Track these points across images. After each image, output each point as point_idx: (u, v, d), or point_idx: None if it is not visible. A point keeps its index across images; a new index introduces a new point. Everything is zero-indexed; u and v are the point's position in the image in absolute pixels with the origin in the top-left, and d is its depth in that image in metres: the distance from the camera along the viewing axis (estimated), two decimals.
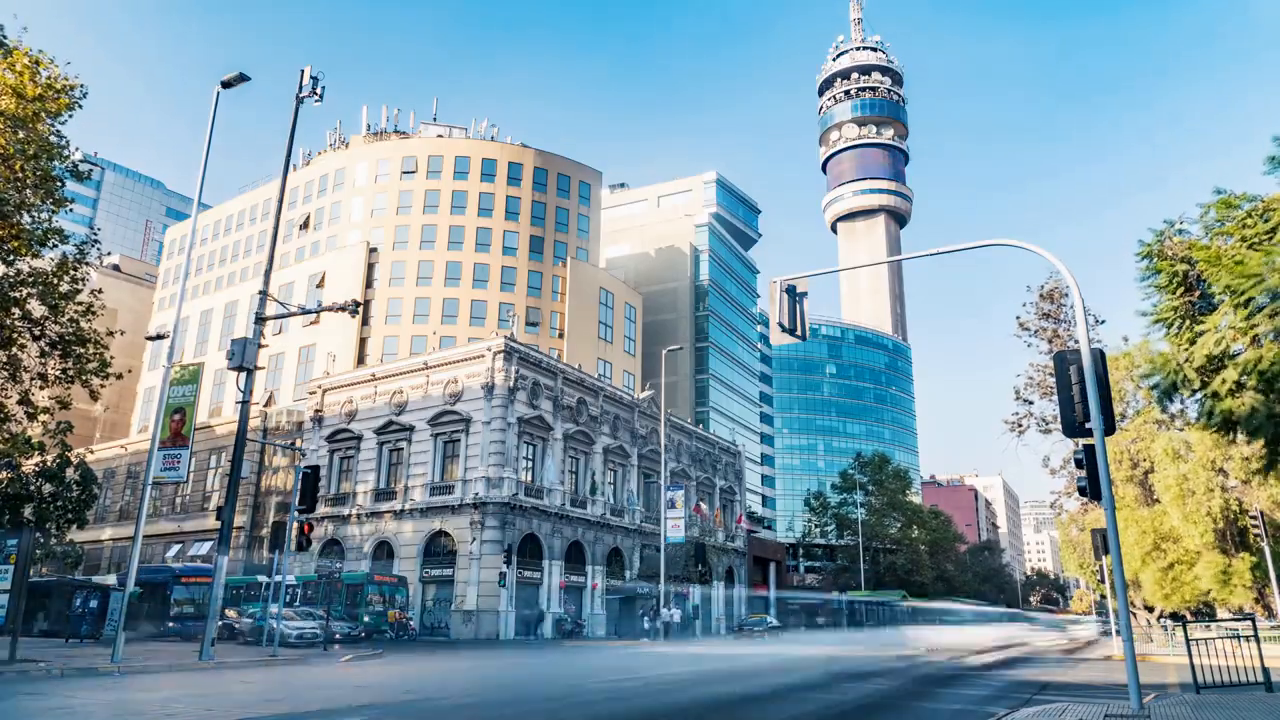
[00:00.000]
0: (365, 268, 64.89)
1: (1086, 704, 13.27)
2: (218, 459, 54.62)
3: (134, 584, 20.23)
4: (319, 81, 23.99)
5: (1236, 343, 12.59)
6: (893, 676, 19.93)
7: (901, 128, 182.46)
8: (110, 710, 11.48)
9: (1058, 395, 12.98)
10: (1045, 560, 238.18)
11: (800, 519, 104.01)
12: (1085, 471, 13.06)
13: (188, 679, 16.25)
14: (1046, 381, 42.09)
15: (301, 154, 77.15)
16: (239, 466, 22.04)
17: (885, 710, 13.67)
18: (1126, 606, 12.65)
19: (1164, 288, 14.11)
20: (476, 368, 44.79)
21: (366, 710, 11.80)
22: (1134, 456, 39.97)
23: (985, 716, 12.35)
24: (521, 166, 69.19)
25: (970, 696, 15.87)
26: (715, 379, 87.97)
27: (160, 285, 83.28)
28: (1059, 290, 42.10)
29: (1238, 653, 14.90)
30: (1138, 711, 11.43)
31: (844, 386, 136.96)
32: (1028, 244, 14.02)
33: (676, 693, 15.66)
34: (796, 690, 16.06)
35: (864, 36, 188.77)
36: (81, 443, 47.77)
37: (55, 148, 21.33)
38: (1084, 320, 13.47)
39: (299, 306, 39.67)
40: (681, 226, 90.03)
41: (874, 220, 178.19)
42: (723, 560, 63.28)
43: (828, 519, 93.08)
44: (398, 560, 44.49)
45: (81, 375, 23.06)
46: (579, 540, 47.92)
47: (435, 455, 45.16)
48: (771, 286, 15.37)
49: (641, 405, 56.14)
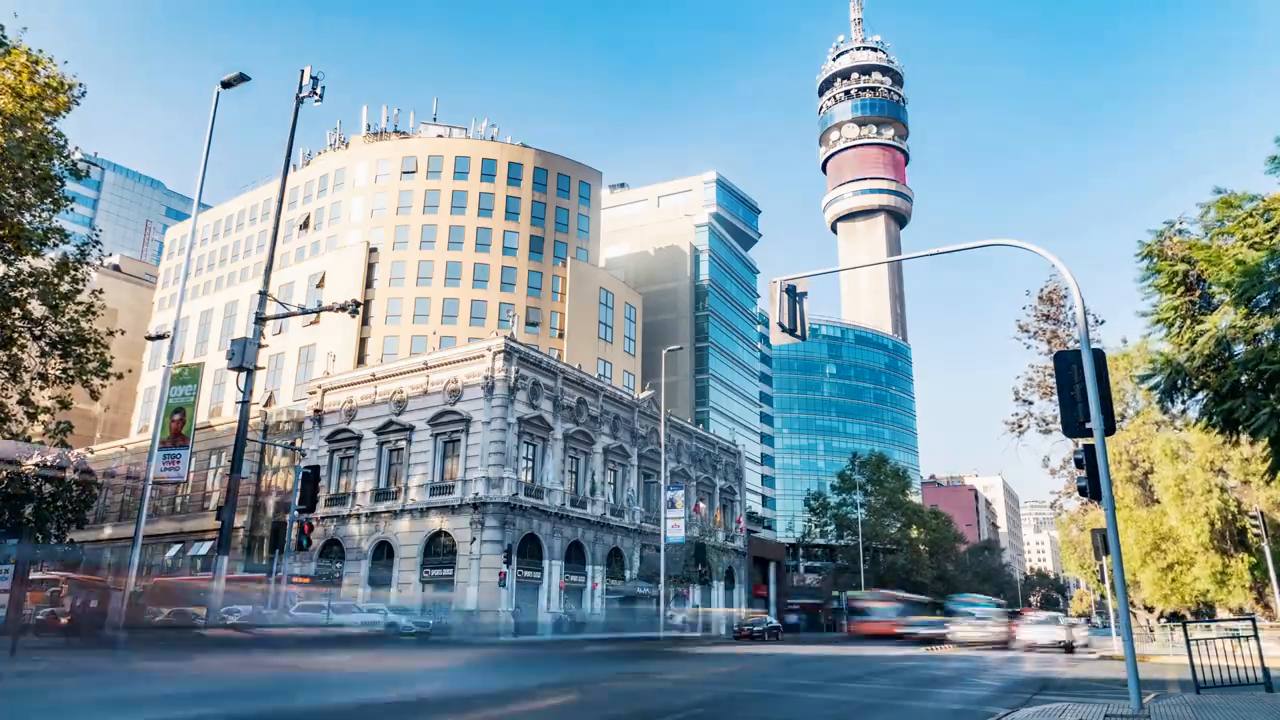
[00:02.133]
0: (365, 268, 64.90)
1: (1087, 704, 13.27)
2: (218, 459, 54.60)
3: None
4: (319, 81, 23.97)
5: (1237, 342, 12.58)
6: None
7: (901, 128, 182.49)
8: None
9: (1058, 395, 12.98)
10: (1045, 560, 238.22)
11: (800, 519, 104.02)
12: (1085, 471, 13.06)
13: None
14: (1046, 382, 42.09)
15: (301, 154, 77.19)
16: (239, 466, 22.03)
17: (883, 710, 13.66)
18: (1126, 606, 12.64)
19: (1164, 288, 14.10)
20: (476, 368, 44.78)
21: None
22: (1134, 457, 39.99)
23: (985, 716, 12.34)
24: (521, 166, 69.19)
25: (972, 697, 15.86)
26: (715, 379, 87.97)
27: (160, 285, 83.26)
28: (1058, 292, 42.10)
29: (1238, 653, 14.90)
30: (1138, 711, 11.42)
31: (844, 386, 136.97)
32: (1028, 244, 14.02)
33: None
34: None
35: (864, 36, 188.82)
36: (81, 443, 47.77)
37: (54, 147, 21.33)
38: (1084, 320, 13.47)
39: (299, 306, 39.66)
40: (681, 226, 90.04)
41: (874, 220, 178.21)
42: (723, 560, 63.28)
43: (827, 519, 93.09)
44: (397, 560, 44.48)
45: (82, 375, 23.06)
46: (579, 540, 47.91)
47: (435, 455, 45.15)
48: (771, 286, 15.37)
49: (641, 405, 56.13)
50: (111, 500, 59.98)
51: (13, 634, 17.31)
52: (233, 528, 23.68)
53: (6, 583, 17.37)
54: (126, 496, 59.61)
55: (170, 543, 55.35)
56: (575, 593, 47.57)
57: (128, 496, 59.31)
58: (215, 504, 50.88)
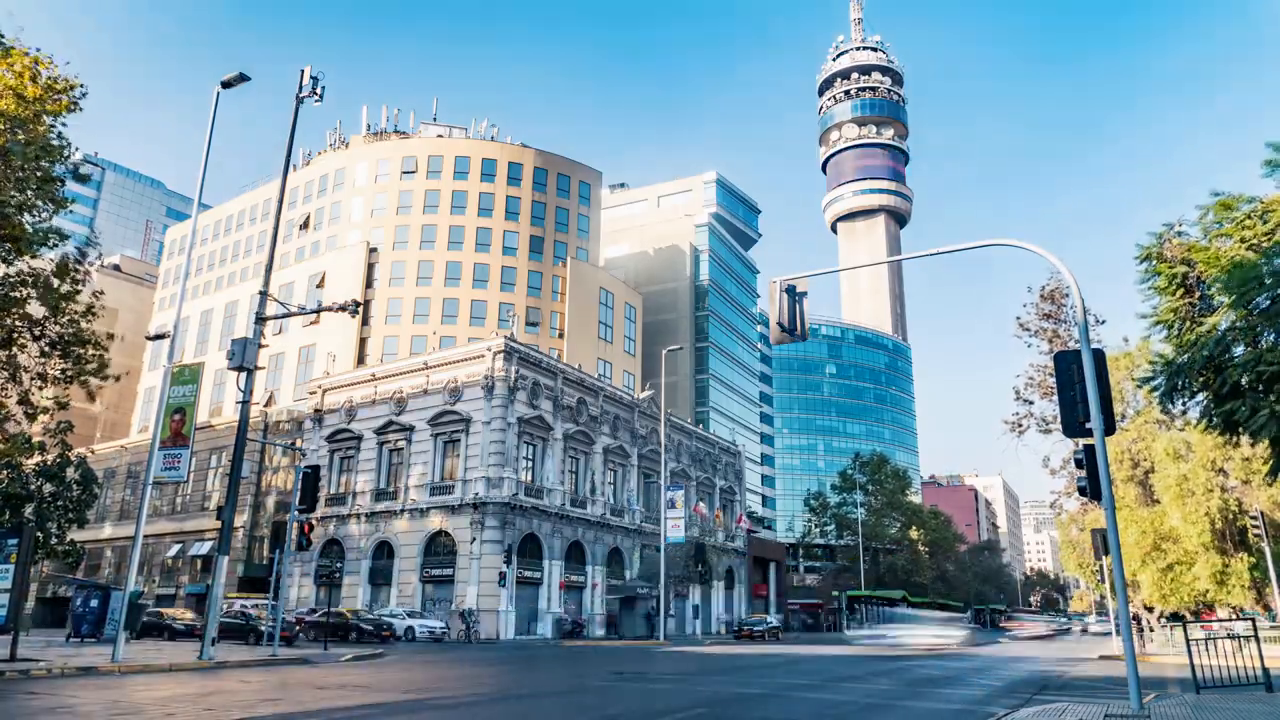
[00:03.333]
0: (365, 268, 64.92)
1: (1086, 704, 13.27)
2: (218, 459, 54.64)
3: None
4: (319, 81, 23.97)
5: (1236, 344, 12.59)
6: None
7: (901, 128, 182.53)
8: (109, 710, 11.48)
9: (1058, 395, 12.98)
10: (1045, 560, 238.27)
11: (800, 519, 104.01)
12: (1085, 471, 13.06)
13: (188, 679, 16.27)
14: (1046, 382, 42.10)
15: (301, 154, 77.22)
16: (239, 466, 22.03)
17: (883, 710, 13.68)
18: (1127, 606, 12.65)
19: (1164, 290, 14.11)
20: (476, 368, 44.79)
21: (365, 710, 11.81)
22: (1134, 456, 39.97)
23: (985, 716, 12.35)
24: (521, 166, 69.21)
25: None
26: (715, 379, 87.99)
27: (160, 285, 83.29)
28: (1059, 291, 42.10)
29: (1238, 653, 14.91)
30: (1138, 711, 11.43)
31: (844, 386, 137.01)
32: (1028, 244, 14.02)
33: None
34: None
35: (864, 36, 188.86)
36: (81, 443, 47.74)
37: (56, 149, 21.31)
38: (1084, 320, 13.48)
39: (299, 306, 39.69)
40: (681, 226, 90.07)
41: (874, 220, 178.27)
42: (723, 560, 63.30)
43: (827, 519, 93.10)
44: (397, 560, 44.50)
45: (81, 376, 23.04)
46: (579, 540, 47.93)
47: (435, 455, 45.17)
48: (771, 286, 15.36)
49: (641, 405, 56.14)
50: (111, 500, 60.02)
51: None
52: (233, 528, 23.68)
53: (7, 582, 17.26)
54: (126, 496, 59.64)
55: (170, 543, 55.37)
56: (575, 592, 47.59)
57: (128, 496, 59.34)
58: (215, 504, 50.93)
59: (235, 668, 19.46)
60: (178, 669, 18.62)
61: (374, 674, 18.38)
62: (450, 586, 42.43)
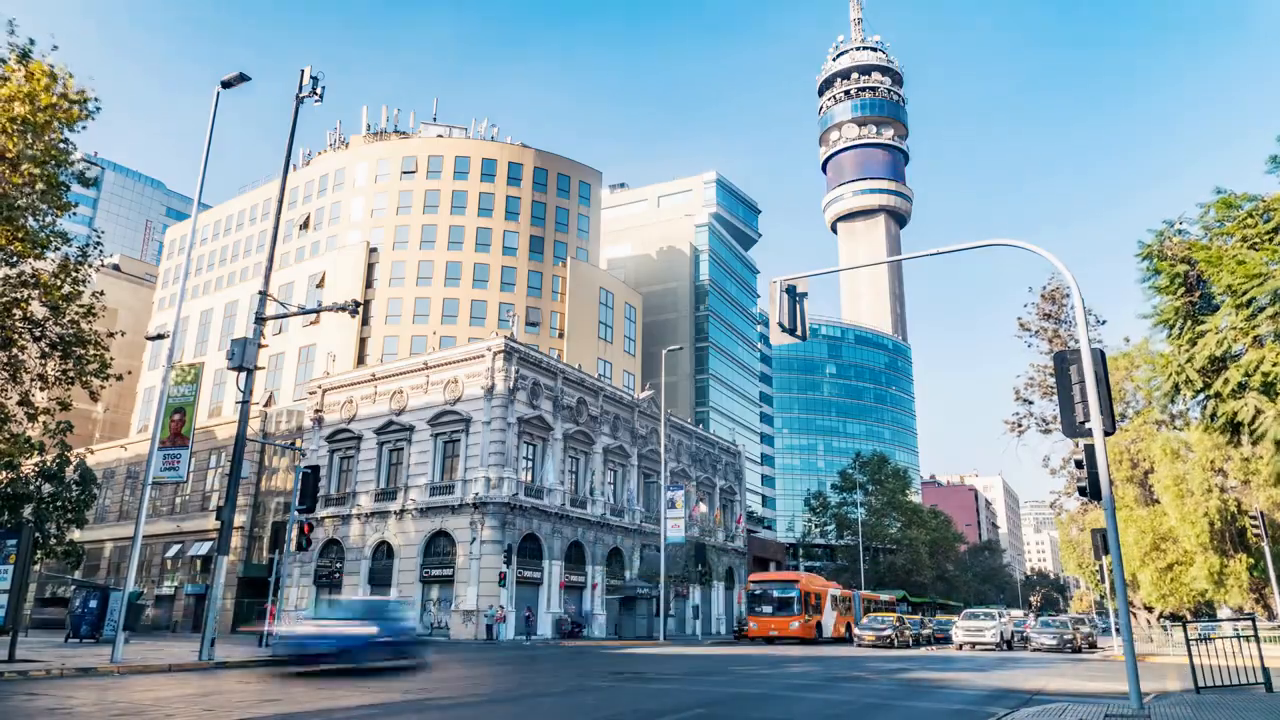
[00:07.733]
0: (365, 268, 64.90)
1: (1086, 704, 13.27)
2: (218, 459, 54.60)
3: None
4: (319, 81, 23.96)
5: (1238, 344, 12.58)
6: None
7: (901, 128, 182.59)
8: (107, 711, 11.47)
9: (1058, 395, 12.97)
10: (1045, 560, 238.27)
11: (800, 519, 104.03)
12: (1085, 472, 13.06)
13: (187, 679, 16.25)
14: (1046, 382, 42.14)
15: (301, 154, 77.20)
16: (239, 467, 22.02)
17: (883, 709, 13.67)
18: (1126, 606, 12.64)
19: (1165, 289, 14.10)
20: (476, 368, 44.77)
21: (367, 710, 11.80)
22: (1134, 456, 39.99)
23: (985, 716, 12.35)
24: (521, 166, 69.19)
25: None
26: (715, 379, 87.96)
27: (160, 285, 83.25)
28: (1060, 291, 42.14)
29: (1238, 653, 14.90)
30: (1138, 711, 11.42)
31: (844, 386, 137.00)
32: (1028, 244, 14.01)
33: None
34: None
35: (864, 36, 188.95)
36: (81, 443, 47.74)
37: (63, 154, 21.36)
38: (1084, 320, 13.47)
39: (299, 306, 39.70)
40: (681, 227, 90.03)
41: (874, 220, 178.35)
42: (723, 560, 63.30)
43: (828, 519, 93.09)
44: (397, 560, 44.48)
45: (81, 376, 23.03)
46: (579, 540, 47.91)
47: (435, 455, 45.14)
48: (771, 286, 15.36)
49: (641, 405, 56.12)
50: (111, 500, 60.00)
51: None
52: (233, 528, 23.67)
53: (6, 582, 17.25)
54: (126, 496, 59.61)
55: (170, 543, 55.33)
56: (575, 592, 47.57)
57: (127, 496, 59.31)
58: (215, 504, 50.91)
59: (236, 668, 19.45)
60: (177, 669, 18.61)
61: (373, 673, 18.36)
62: (450, 587, 42.42)
